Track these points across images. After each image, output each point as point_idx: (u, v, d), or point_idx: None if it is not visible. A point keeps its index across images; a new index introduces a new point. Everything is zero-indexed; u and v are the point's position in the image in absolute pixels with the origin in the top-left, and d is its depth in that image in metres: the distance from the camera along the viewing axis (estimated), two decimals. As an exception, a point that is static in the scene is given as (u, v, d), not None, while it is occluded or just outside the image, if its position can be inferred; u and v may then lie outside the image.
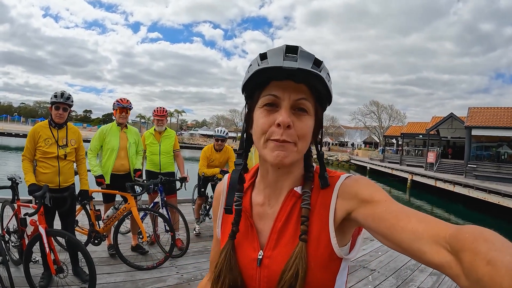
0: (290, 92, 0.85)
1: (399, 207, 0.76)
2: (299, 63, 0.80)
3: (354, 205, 0.82)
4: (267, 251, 0.90)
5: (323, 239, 0.85)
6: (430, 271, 4.97)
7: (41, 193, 3.31)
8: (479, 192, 20.14)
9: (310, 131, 0.88)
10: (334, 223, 0.85)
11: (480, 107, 30.06)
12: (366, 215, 0.78)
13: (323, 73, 0.83)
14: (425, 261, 0.65)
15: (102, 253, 4.67)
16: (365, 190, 0.82)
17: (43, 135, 3.73)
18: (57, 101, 3.74)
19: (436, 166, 31.07)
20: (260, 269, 0.89)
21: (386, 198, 0.79)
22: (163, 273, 4.23)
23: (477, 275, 0.52)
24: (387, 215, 0.74)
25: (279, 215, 0.92)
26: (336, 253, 0.85)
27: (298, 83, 0.84)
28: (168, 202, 5.15)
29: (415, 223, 0.68)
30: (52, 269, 3.32)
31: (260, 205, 0.98)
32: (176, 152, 5.78)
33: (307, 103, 0.86)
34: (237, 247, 0.95)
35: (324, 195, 0.89)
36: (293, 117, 0.85)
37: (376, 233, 0.77)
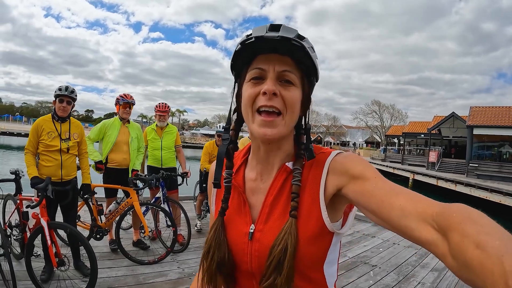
0: (275, 64, 0.86)
1: (389, 184, 0.77)
2: (281, 33, 0.82)
3: (344, 181, 0.83)
4: (259, 225, 0.91)
5: (313, 213, 0.86)
6: (431, 267, 4.97)
7: (44, 185, 3.32)
8: (481, 191, 20.10)
9: (297, 102, 0.89)
10: (325, 198, 0.86)
11: (482, 107, 29.99)
12: (356, 191, 0.79)
13: (306, 44, 0.84)
14: (412, 238, 0.66)
15: (104, 248, 4.68)
16: (355, 167, 0.83)
17: (46, 128, 3.75)
18: (61, 94, 3.77)
19: (437, 165, 31.00)
20: (251, 243, 0.90)
21: (376, 175, 0.80)
22: (164, 268, 4.24)
23: (465, 258, 0.52)
24: (377, 192, 0.75)
25: (271, 189, 0.93)
26: (327, 227, 0.85)
27: (283, 55, 0.86)
28: (170, 197, 5.15)
29: (403, 201, 0.69)
30: (54, 262, 3.33)
31: (253, 180, 0.99)
32: (178, 147, 5.79)
33: (291, 75, 0.87)
34: (229, 222, 0.96)
35: (315, 170, 0.90)
36: (279, 87, 0.86)
37: (365, 209, 0.78)
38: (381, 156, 46.24)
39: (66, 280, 3.49)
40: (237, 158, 1.06)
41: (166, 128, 5.65)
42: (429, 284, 4.39)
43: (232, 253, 0.93)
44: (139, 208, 4.41)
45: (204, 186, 6.20)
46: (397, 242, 6.18)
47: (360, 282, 4.31)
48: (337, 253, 0.94)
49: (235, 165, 1.03)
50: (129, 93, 5.05)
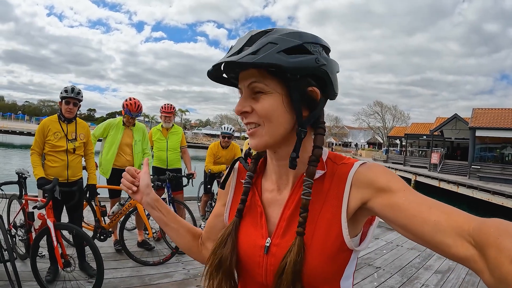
0: (244, 80, 0.86)
1: (419, 196, 0.73)
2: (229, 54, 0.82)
3: (370, 194, 0.79)
4: (275, 239, 0.88)
5: (334, 229, 0.82)
6: (435, 269, 4.97)
7: (51, 186, 3.32)
8: (483, 193, 20.05)
9: (272, 109, 0.83)
10: (347, 213, 0.82)
11: (484, 108, 29.95)
12: (384, 205, 0.76)
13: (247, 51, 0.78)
14: (448, 254, 0.64)
15: (108, 249, 4.69)
16: (382, 178, 0.79)
17: (52, 128, 3.76)
18: (67, 96, 3.78)
19: (439, 167, 30.94)
20: (267, 257, 0.87)
21: (404, 187, 0.76)
22: (169, 269, 4.25)
23: (501, 273, 0.52)
24: (407, 205, 0.71)
25: (288, 202, 0.90)
26: (347, 244, 0.82)
27: (246, 70, 0.84)
28: (175, 198, 5.16)
29: (437, 215, 0.67)
30: (60, 263, 3.34)
31: (270, 191, 0.96)
32: (183, 148, 5.80)
33: (259, 84, 0.83)
34: (245, 233, 0.94)
35: (337, 183, 0.85)
36: (251, 101, 0.85)
37: (394, 224, 0.75)
38: (383, 157, 46.14)
39: (72, 281, 3.50)
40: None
41: (172, 129, 5.66)
42: (433, 286, 4.39)
43: (245, 263, 0.92)
44: (142, 209, 4.40)
45: (208, 187, 6.19)
46: (401, 244, 6.17)
47: (365, 284, 4.31)
48: (353, 268, 0.90)
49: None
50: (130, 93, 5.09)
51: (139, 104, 4.87)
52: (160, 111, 5.66)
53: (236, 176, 1.06)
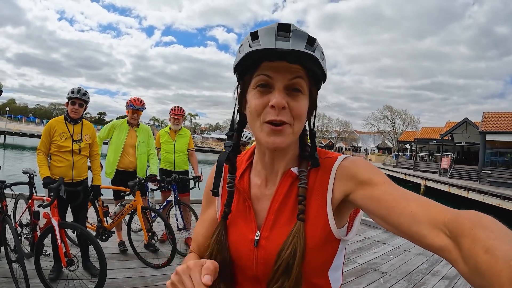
0: (284, 73, 0.82)
1: (399, 189, 0.76)
2: (292, 43, 0.78)
3: (352, 186, 0.82)
4: (264, 232, 0.89)
5: (320, 220, 0.84)
6: (442, 275, 4.90)
7: (56, 185, 3.35)
8: (493, 198, 19.89)
9: (305, 111, 0.86)
10: (332, 205, 0.85)
11: (495, 112, 29.69)
12: (365, 197, 0.79)
13: (317, 53, 0.81)
14: (424, 244, 0.66)
15: (113, 249, 4.70)
16: (363, 172, 0.82)
17: (58, 129, 3.80)
18: (73, 96, 3.82)
19: (450, 172, 30.73)
20: (257, 250, 0.88)
21: (385, 180, 0.79)
22: (173, 271, 4.14)
23: (475, 263, 0.53)
24: (386, 197, 0.74)
25: (276, 195, 0.91)
26: (334, 234, 0.85)
27: (293, 63, 0.81)
28: (181, 201, 5.16)
29: (414, 206, 0.69)
30: (63, 261, 3.35)
31: (258, 186, 0.97)
32: (190, 151, 5.80)
33: (302, 82, 0.83)
34: (234, 228, 0.95)
35: (322, 176, 0.88)
36: (287, 98, 0.82)
37: (374, 215, 0.77)
38: (392, 162, 45.97)
39: (75, 279, 3.51)
40: (241, 161, 1.04)
41: (180, 131, 5.68)
42: (440, 292, 4.32)
43: (237, 259, 0.92)
44: (140, 212, 4.36)
45: None
46: (408, 249, 6.10)
47: (370, 289, 4.26)
48: (342, 259, 0.93)
49: (239, 168, 1.01)
50: (140, 97, 5.09)
51: (141, 100, 5.02)
52: (169, 113, 5.69)
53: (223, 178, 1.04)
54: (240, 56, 0.85)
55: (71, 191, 3.77)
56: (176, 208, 5.02)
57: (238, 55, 0.87)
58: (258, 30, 0.83)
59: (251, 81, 0.87)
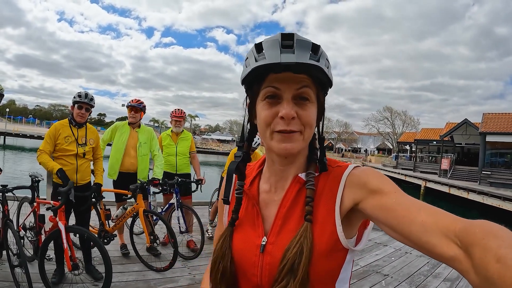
0: (291, 83, 0.84)
1: (409, 199, 0.75)
2: (296, 55, 0.80)
3: (362, 195, 0.81)
4: (271, 237, 0.89)
5: (328, 226, 0.84)
6: (444, 277, 4.91)
7: (67, 188, 3.35)
8: (494, 199, 19.83)
9: (314, 118, 0.88)
10: (340, 212, 0.84)
11: (495, 113, 29.65)
12: (374, 206, 0.78)
13: (321, 62, 0.83)
14: (434, 254, 0.65)
15: (115, 253, 4.70)
16: (374, 181, 0.82)
17: (63, 133, 3.81)
18: (80, 100, 3.83)
19: (450, 173, 30.71)
20: (263, 256, 0.88)
21: (395, 189, 0.78)
22: (175, 274, 4.24)
23: (486, 272, 0.52)
24: (396, 207, 0.73)
25: (284, 201, 0.92)
26: (341, 242, 0.83)
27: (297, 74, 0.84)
28: (184, 204, 5.16)
29: (424, 216, 0.68)
30: (69, 265, 3.35)
31: (267, 192, 0.98)
32: (192, 154, 5.81)
33: (308, 90, 0.85)
34: (242, 234, 0.96)
35: (331, 184, 0.88)
36: (296, 107, 0.85)
37: (383, 225, 0.77)
38: (392, 163, 45.88)
39: (78, 283, 3.52)
40: (251, 169, 1.06)
41: (182, 134, 5.70)
42: (442, 294, 4.33)
43: (242, 265, 0.92)
44: (142, 215, 4.36)
45: None
46: (409, 251, 6.10)
47: (372, 292, 4.27)
48: (349, 272, 0.92)
49: (249, 176, 1.03)
50: (140, 98, 5.10)
51: (138, 99, 5.05)
52: (170, 116, 5.70)
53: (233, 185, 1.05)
54: (247, 71, 0.87)
55: (79, 196, 3.77)
56: (178, 211, 5.02)
57: (245, 68, 0.89)
58: (263, 42, 0.86)
59: (259, 92, 0.90)
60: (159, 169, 5.00)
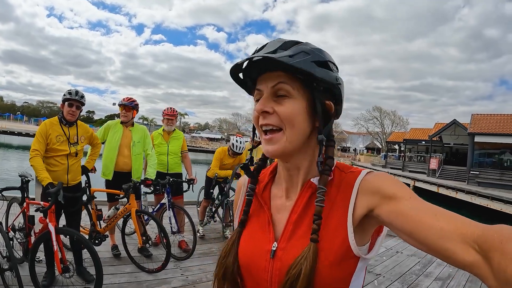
0: (267, 82, 0.87)
1: (425, 204, 0.74)
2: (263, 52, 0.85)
3: (377, 201, 0.80)
4: (282, 243, 0.88)
5: (339, 235, 0.82)
6: (435, 276, 4.96)
7: (56, 189, 3.25)
8: (482, 199, 20.14)
9: (296, 114, 0.85)
10: (353, 220, 0.83)
11: (483, 114, 30.07)
12: (389, 212, 0.76)
13: (284, 53, 0.82)
14: (453, 261, 0.64)
15: (106, 254, 4.63)
16: (388, 186, 0.80)
17: (54, 132, 3.70)
18: (71, 98, 3.75)
19: (438, 172, 31.04)
20: (273, 261, 0.87)
21: (410, 195, 0.77)
22: (167, 275, 4.20)
23: (505, 275, 0.53)
24: (412, 212, 0.72)
25: (295, 206, 0.91)
26: (353, 250, 0.82)
27: (274, 72, 0.86)
28: (175, 204, 5.12)
29: (442, 221, 0.67)
30: (59, 268, 3.29)
31: (279, 197, 0.97)
32: (184, 153, 5.78)
33: (285, 86, 0.85)
34: (252, 239, 0.95)
35: (344, 190, 0.87)
36: (273, 104, 0.86)
37: (399, 231, 0.75)
38: (381, 163, 46.27)
39: (69, 286, 3.45)
40: (264, 175, 1.05)
41: (173, 133, 5.66)
42: (434, 294, 4.36)
43: (252, 270, 0.92)
44: (134, 215, 4.30)
45: (210, 192, 6.11)
46: (400, 250, 6.15)
47: (365, 292, 4.28)
48: (361, 280, 0.90)
49: (262, 182, 1.03)
50: (129, 96, 5.03)
51: (130, 97, 4.98)
52: (162, 114, 5.65)
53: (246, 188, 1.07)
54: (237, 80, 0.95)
55: (70, 196, 3.68)
56: (170, 211, 4.97)
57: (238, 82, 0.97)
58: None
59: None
60: (153, 169, 4.92)
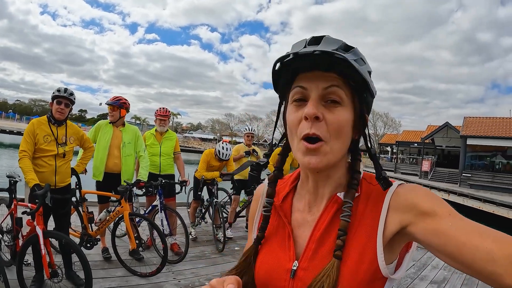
0: (319, 82, 0.76)
1: (467, 222, 0.68)
2: (320, 46, 0.73)
3: (411, 218, 0.72)
4: (303, 262, 0.80)
5: (368, 254, 0.75)
6: (430, 279, 4.95)
7: (43, 191, 3.14)
8: (474, 201, 20.24)
9: (345, 125, 0.77)
10: (383, 238, 0.75)
11: (476, 117, 30.27)
12: (427, 231, 0.69)
13: (350, 56, 0.73)
14: (500, 285, 0.59)
15: (96, 257, 4.52)
16: (425, 201, 0.72)
17: (42, 131, 3.58)
18: (60, 95, 3.64)
19: (430, 174, 31.18)
20: (293, 282, 0.80)
21: (449, 211, 0.70)
22: (159, 279, 4.11)
23: None
24: (455, 232, 0.65)
25: (319, 223, 0.82)
26: (381, 271, 0.74)
27: (327, 72, 0.76)
28: (167, 206, 5.03)
29: (489, 242, 0.61)
30: (47, 272, 3.19)
31: (301, 211, 0.88)
32: (177, 154, 5.69)
33: (338, 91, 0.76)
34: (270, 255, 0.87)
35: (373, 205, 0.79)
36: (323, 109, 0.75)
37: (439, 252, 0.68)
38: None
39: (58, 290, 3.36)
40: (284, 184, 0.96)
41: (166, 134, 5.57)
42: (429, 298, 4.34)
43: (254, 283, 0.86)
44: (128, 218, 4.21)
45: (198, 194, 6.04)
46: (395, 254, 6.11)
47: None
48: None
49: (281, 192, 0.94)
50: (121, 95, 4.93)
51: (116, 96, 4.87)
52: (155, 114, 5.56)
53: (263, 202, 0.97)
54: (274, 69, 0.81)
55: (59, 198, 3.58)
56: (162, 213, 4.88)
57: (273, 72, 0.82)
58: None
59: (289, 96, 0.83)
60: (145, 170, 4.82)
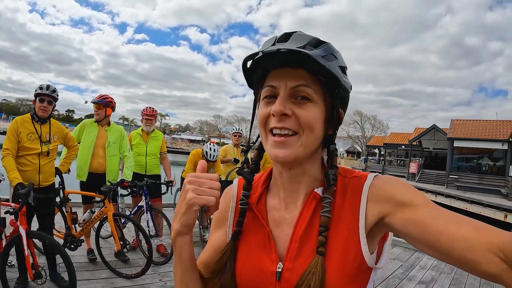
0: (288, 80, 0.76)
1: (444, 212, 0.68)
2: (288, 44, 0.73)
3: (389, 208, 0.73)
4: (287, 263, 0.78)
5: (351, 247, 0.74)
6: (418, 279, 4.95)
7: (26, 190, 3.07)
8: (461, 202, 20.42)
9: (315, 120, 0.76)
10: (365, 230, 0.75)
11: (463, 120, 30.69)
12: (405, 221, 0.69)
13: (319, 52, 0.72)
14: (478, 272, 0.60)
15: (81, 258, 4.43)
16: (402, 192, 0.73)
17: (25, 129, 3.51)
18: (42, 92, 3.56)
19: (418, 176, 31.47)
20: (279, 284, 0.78)
21: (426, 201, 0.71)
22: (145, 281, 4.04)
23: None
24: (432, 221, 0.66)
25: (299, 221, 0.81)
26: (367, 262, 0.74)
27: (295, 69, 0.75)
28: (153, 206, 4.96)
29: (466, 230, 0.62)
30: (30, 274, 3.12)
31: (277, 209, 0.86)
32: (163, 154, 5.63)
33: (306, 89, 0.75)
34: (251, 259, 0.84)
35: (352, 198, 0.78)
36: (292, 105, 0.76)
37: (417, 241, 0.68)
38: (362, 166, 46.70)
39: (42, 292, 3.28)
40: (256, 185, 0.93)
41: (152, 133, 5.50)
42: (417, 297, 4.34)
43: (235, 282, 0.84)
44: (112, 219, 4.14)
45: None
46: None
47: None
48: None
49: (255, 192, 0.91)
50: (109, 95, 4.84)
51: (102, 94, 4.81)
52: (141, 114, 5.50)
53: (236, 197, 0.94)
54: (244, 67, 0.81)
55: (42, 198, 3.49)
56: (147, 214, 4.82)
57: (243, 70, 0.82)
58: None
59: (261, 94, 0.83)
60: (129, 170, 4.74)
